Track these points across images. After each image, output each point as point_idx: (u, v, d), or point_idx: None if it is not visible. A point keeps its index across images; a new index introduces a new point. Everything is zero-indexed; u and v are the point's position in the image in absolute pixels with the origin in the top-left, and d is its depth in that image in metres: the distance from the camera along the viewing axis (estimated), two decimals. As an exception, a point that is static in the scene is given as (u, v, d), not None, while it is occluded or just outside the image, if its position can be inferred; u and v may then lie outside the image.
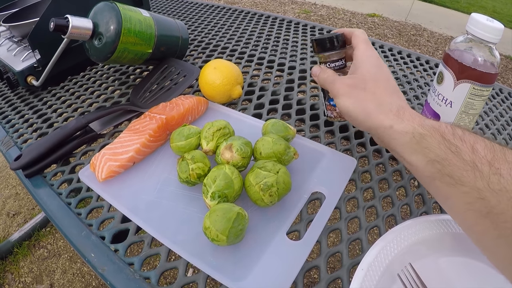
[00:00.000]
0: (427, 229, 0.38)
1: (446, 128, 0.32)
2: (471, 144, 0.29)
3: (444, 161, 0.30)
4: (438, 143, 0.31)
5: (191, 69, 0.61)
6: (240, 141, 0.42)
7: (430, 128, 0.32)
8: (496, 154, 0.28)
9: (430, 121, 0.34)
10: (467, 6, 3.97)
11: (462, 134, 0.30)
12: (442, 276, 0.35)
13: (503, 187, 0.25)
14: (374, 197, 0.44)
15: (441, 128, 0.32)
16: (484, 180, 0.27)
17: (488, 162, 0.27)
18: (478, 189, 0.27)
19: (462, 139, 0.30)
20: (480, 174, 0.27)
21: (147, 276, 0.36)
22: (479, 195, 0.27)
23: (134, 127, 0.49)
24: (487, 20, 0.44)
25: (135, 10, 0.58)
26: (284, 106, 0.61)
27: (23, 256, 1.24)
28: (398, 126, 0.34)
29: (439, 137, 0.31)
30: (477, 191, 0.27)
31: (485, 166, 0.27)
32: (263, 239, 0.37)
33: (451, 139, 0.30)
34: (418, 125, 0.33)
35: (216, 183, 0.37)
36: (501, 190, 0.26)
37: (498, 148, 0.28)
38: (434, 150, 0.31)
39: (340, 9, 3.68)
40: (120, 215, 0.42)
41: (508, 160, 0.27)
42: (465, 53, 0.46)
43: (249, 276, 0.34)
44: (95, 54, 0.57)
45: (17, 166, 0.47)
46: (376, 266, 0.34)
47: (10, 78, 0.65)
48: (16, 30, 0.69)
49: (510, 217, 0.25)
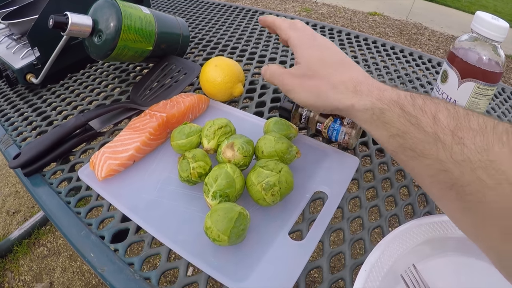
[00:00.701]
0: (430, 229, 0.37)
1: (405, 99, 0.30)
2: (433, 114, 0.27)
3: (405, 135, 0.29)
4: (398, 116, 0.30)
5: (191, 66, 0.60)
6: (241, 140, 0.41)
7: (389, 101, 0.31)
8: (459, 121, 0.26)
9: (388, 93, 0.32)
10: (468, 5, 3.96)
11: (423, 103, 0.29)
12: (446, 277, 0.35)
13: (467, 157, 0.24)
14: (377, 196, 0.44)
15: (400, 99, 0.30)
16: (446, 151, 0.25)
17: (450, 131, 0.26)
18: (440, 161, 0.26)
19: (423, 109, 0.28)
20: (443, 145, 0.26)
21: (148, 276, 0.35)
22: (442, 167, 0.26)
23: (134, 125, 0.49)
24: (492, 19, 0.43)
25: (136, 7, 0.57)
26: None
27: (23, 255, 1.23)
28: (358, 104, 0.33)
29: (398, 110, 0.30)
30: (440, 163, 0.26)
31: (447, 136, 0.26)
32: (265, 239, 0.37)
33: (411, 111, 0.29)
34: (376, 99, 0.32)
35: (217, 182, 0.37)
36: (464, 161, 0.24)
37: (462, 114, 0.27)
38: (395, 124, 0.30)
39: (341, 7, 3.67)
40: (120, 214, 0.41)
41: (472, 127, 0.25)
42: (469, 52, 0.45)
43: (251, 277, 0.34)
44: (95, 51, 0.56)
45: (15, 165, 0.47)
46: (379, 267, 0.34)
47: (9, 76, 0.64)
48: (15, 28, 0.69)
49: (474, 189, 0.23)
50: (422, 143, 0.27)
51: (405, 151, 0.29)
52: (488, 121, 0.25)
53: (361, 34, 0.88)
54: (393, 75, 0.72)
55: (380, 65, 0.75)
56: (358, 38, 0.86)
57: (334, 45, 0.40)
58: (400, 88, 0.33)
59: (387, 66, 0.75)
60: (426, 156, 0.27)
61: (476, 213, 0.24)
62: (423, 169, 0.28)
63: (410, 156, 0.29)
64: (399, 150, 0.30)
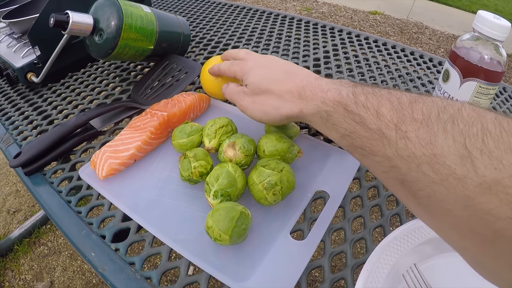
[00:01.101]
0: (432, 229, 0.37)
1: (347, 98, 0.30)
2: (375, 109, 0.27)
3: (352, 134, 0.28)
4: (343, 117, 0.29)
5: (192, 65, 0.60)
6: (243, 139, 0.41)
7: (332, 103, 0.31)
8: (403, 112, 0.25)
9: (331, 93, 0.31)
10: (469, 4, 3.95)
11: (365, 99, 0.28)
12: (447, 277, 0.35)
13: (411, 152, 0.23)
14: (379, 196, 0.43)
15: (343, 99, 0.30)
16: (392, 147, 0.25)
17: (394, 125, 0.25)
18: (388, 157, 0.25)
19: (366, 106, 0.28)
20: (388, 141, 0.25)
21: (148, 276, 0.35)
22: (391, 164, 0.25)
23: (135, 124, 0.49)
24: (494, 18, 0.43)
25: (136, 6, 0.57)
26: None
27: (23, 254, 1.23)
28: (306, 109, 0.34)
29: (342, 110, 0.29)
30: (388, 159, 0.25)
31: (391, 131, 0.25)
32: (266, 238, 0.37)
33: (354, 109, 0.28)
34: (321, 102, 0.32)
35: (218, 181, 0.37)
36: (410, 157, 0.23)
37: (406, 104, 0.25)
38: (342, 125, 0.29)
39: (342, 6, 3.66)
40: (121, 213, 0.41)
41: (415, 118, 0.24)
42: (471, 51, 0.45)
43: (252, 276, 0.33)
44: (95, 50, 0.56)
45: (16, 164, 0.47)
46: (380, 267, 0.34)
47: (10, 75, 0.64)
48: (16, 27, 0.69)
49: (423, 184, 0.22)
50: (369, 141, 0.27)
51: (356, 150, 0.29)
52: (433, 108, 0.24)
53: (362, 33, 0.88)
54: (394, 74, 0.71)
55: (381, 64, 0.75)
56: (359, 37, 0.86)
57: (277, 60, 0.41)
58: (347, 82, 0.32)
59: (388, 65, 0.75)
60: (375, 153, 0.26)
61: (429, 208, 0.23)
62: (375, 166, 0.27)
63: (362, 154, 0.28)
64: (351, 150, 0.30)
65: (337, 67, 0.73)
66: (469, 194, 0.19)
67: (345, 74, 0.70)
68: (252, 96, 0.39)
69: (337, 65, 0.74)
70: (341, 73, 0.71)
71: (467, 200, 0.20)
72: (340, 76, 0.70)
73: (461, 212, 0.20)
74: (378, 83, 0.68)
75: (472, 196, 0.19)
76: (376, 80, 0.69)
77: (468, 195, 0.19)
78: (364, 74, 0.71)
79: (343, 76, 0.70)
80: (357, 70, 0.72)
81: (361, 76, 0.70)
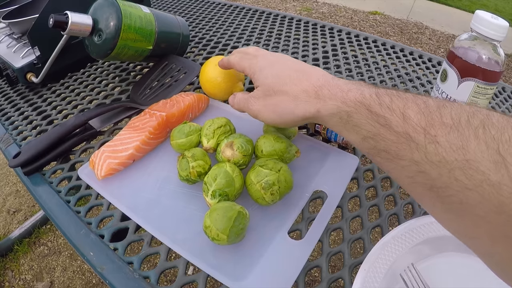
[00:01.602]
0: (429, 229, 0.37)
1: (371, 98, 0.28)
2: (401, 112, 0.26)
3: (376, 137, 0.27)
4: (366, 118, 0.28)
5: (191, 66, 0.60)
6: (241, 139, 0.41)
7: (354, 103, 0.29)
8: (431, 116, 0.24)
9: (353, 93, 0.30)
10: (469, 4, 3.95)
11: (390, 101, 0.27)
12: (445, 276, 0.35)
13: (442, 158, 0.22)
14: (377, 196, 0.44)
15: (366, 99, 0.28)
16: (421, 152, 0.24)
17: (422, 129, 0.24)
18: (416, 162, 0.24)
19: (390, 108, 0.26)
20: (416, 145, 0.24)
21: (147, 275, 0.36)
22: (419, 169, 0.24)
23: (134, 125, 0.49)
24: (492, 18, 0.43)
25: (135, 6, 0.57)
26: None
27: (23, 254, 1.24)
28: (324, 109, 0.32)
29: (365, 111, 0.28)
30: (415, 164, 0.24)
31: (419, 135, 0.24)
32: (264, 238, 0.37)
33: (378, 111, 0.27)
34: (341, 102, 0.30)
35: (216, 181, 0.37)
36: (440, 162, 0.23)
37: (433, 108, 0.25)
38: (364, 126, 0.28)
39: (342, 6, 3.66)
40: (120, 213, 0.41)
41: (445, 122, 0.23)
42: (469, 51, 0.45)
43: (250, 276, 0.34)
44: (95, 50, 0.56)
45: (15, 164, 0.47)
46: (378, 266, 0.34)
47: (10, 75, 0.64)
48: (16, 27, 0.69)
49: (455, 190, 0.22)
50: (395, 144, 0.26)
51: (379, 153, 0.28)
52: (462, 113, 0.23)
53: (361, 33, 0.88)
54: (393, 74, 0.71)
55: (380, 64, 0.75)
56: (358, 37, 0.86)
57: (288, 57, 0.39)
58: (367, 84, 0.31)
59: (387, 66, 0.75)
60: (400, 157, 0.25)
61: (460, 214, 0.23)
62: (400, 170, 0.26)
63: (385, 158, 0.27)
64: (373, 153, 0.28)
65: (336, 67, 0.73)
66: (504, 200, 0.20)
67: (344, 74, 0.70)
68: (264, 98, 0.37)
69: (336, 65, 0.74)
70: (340, 73, 0.71)
71: (501, 206, 0.20)
72: (340, 76, 0.70)
73: (495, 218, 0.20)
74: (377, 84, 0.68)
75: (507, 202, 0.19)
76: (375, 80, 0.69)
77: (503, 201, 0.20)
78: (363, 74, 0.71)
79: (342, 76, 0.70)
80: (356, 70, 0.72)
81: (360, 76, 0.70)
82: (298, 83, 0.35)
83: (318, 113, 0.33)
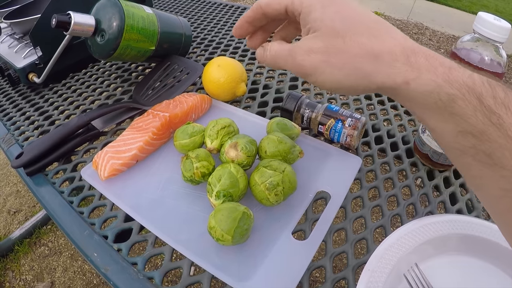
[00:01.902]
0: (432, 229, 0.37)
1: (483, 87, 0.23)
2: None
3: (482, 135, 0.22)
4: (473, 109, 0.22)
5: (194, 66, 0.60)
6: (245, 140, 0.41)
7: (461, 86, 0.23)
8: None
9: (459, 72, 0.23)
10: (469, 5, 3.95)
11: (505, 96, 0.22)
12: (448, 276, 0.35)
13: None
14: (379, 196, 0.44)
15: (476, 86, 0.23)
16: None
17: None
18: None
19: (506, 106, 0.22)
20: None
21: (151, 276, 0.36)
22: None
23: (137, 125, 0.49)
24: (494, 19, 0.43)
25: (138, 7, 0.58)
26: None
27: (24, 254, 1.23)
28: (416, 82, 0.24)
29: (475, 100, 0.22)
30: None
31: None
32: (268, 238, 0.37)
33: (492, 105, 0.22)
34: (443, 80, 0.23)
35: (221, 182, 0.37)
36: None
37: None
38: (469, 119, 0.23)
39: (342, 7, 3.66)
40: (123, 214, 0.41)
41: None
42: (471, 52, 0.45)
43: (254, 276, 0.34)
44: (97, 51, 0.56)
45: (18, 164, 0.47)
46: (382, 266, 0.34)
47: (12, 75, 0.64)
48: (18, 27, 0.69)
49: None
50: (502, 150, 0.22)
51: (478, 155, 0.23)
52: None
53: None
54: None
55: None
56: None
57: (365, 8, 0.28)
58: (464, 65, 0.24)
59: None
60: (504, 166, 0.22)
61: None
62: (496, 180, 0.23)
63: (483, 161, 0.23)
64: (469, 152, 0.23)
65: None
66: None
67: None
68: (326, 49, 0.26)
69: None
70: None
71: None
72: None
73: None
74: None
75: None
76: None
77: None
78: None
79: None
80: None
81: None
82: (379, 37, 0.25)
83: (406, 86, 0.24)
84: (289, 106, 0.51)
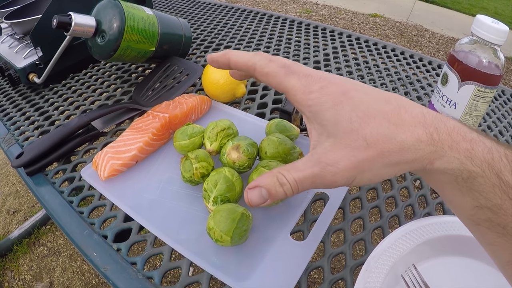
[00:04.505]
0: (430, 230, 0.37)
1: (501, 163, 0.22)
2: None
3: (499, 210, 0.22)
4: (492, 186, 0.22)
5: (194, 67, 0.60)
6: (246, 142, 0.42)
7: (482, 162, 0.22)
8: None
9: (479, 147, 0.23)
10: (469, 7, 3.97)
11: None
12: (446, 277, 0.35)
13: None
14: (378, 197, 0.44)
15: (495, 163, 0.22)
16: None
17: None
18: None
19: None
20: None
21: (150, 275, 0.36)
22: None
23: (137, 126, 0.49)
24: (492, 22, 0.43)
25: (138, 8, 0.58)
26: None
27: (22, 254, 1.23)
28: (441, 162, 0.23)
29: (494, 177, 0.22)
30: None
31: None
32: (266, 239, 0.37)
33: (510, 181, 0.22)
34: (465, 157, 0.23)
35: (217, 187, 0.37)
36: None
37: None
38: (487, 194, 0.23)
39: (342, 9, 3.67)
40: (123, 214, 0.41)
41: None
42: (470, 55, 0.45)
43: (253, 276, 0.34)
44: (97, 51, 0.56)
45: (18, 164, 0.47)
46: (380, 267, 0.34)
47: (12, 75, 0.64)
48: (18, 27, 0.69)
49: None
50: None
51: (493, 227, 0.23)
52: None
53: (361, 36, 0.88)
54: (393, 77, 0.72)
55: (381, 67, 0.75)
56: (358, 40, 0.87)
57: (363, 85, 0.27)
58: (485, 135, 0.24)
59: (387, 68, 0.75)
60: None
61: None
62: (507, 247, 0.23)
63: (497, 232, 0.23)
64: (485, 224, 0.23)
65: (337, 69, 0.74)
66: None
67: (344, 76, 0.71)
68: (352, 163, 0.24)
69: (337, 67, 0.74)
70: (341, 76, 0.71)
71: None
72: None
73: None
74: (378, 86, 0.69)
75: None
76: (375, 83, 0.70)
77: None
78: (363, 77, 0.71)
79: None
80: (356, 73, 0.73)
81: (360, 78, 0.71)
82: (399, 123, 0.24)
83: (431, 166, 0.23)
84: (288, 108, 0.51)
